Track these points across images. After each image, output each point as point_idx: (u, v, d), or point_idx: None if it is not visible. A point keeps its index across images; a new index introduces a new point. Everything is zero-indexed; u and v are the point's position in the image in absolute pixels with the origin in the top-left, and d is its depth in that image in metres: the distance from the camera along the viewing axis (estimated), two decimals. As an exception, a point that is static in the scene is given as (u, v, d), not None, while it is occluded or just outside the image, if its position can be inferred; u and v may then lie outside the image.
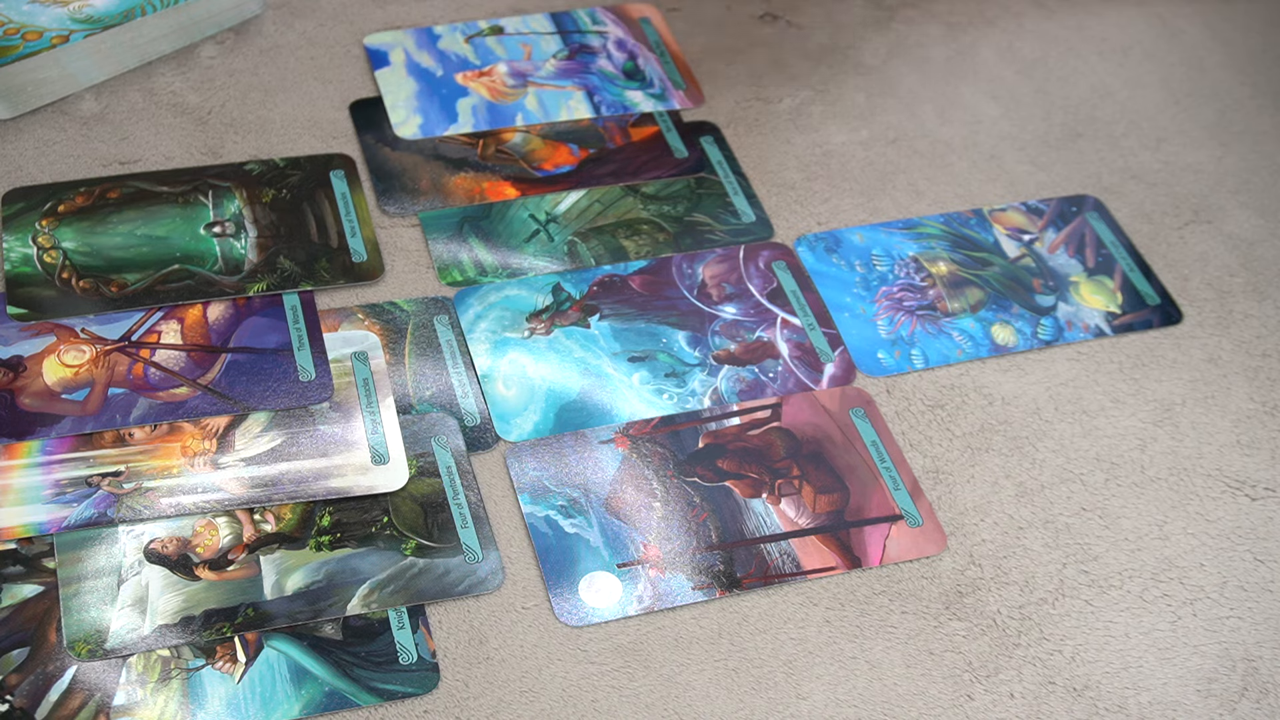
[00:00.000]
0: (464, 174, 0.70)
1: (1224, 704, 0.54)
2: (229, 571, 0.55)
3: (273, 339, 0.62)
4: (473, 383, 0.62)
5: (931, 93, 0.77)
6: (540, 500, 0.58)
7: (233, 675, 0.52)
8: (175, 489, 0.57)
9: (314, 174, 0.69)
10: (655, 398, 0.62)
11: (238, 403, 0.60)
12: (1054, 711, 0.54)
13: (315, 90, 0.74)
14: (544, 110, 0.73)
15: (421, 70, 0.75)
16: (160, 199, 0.67)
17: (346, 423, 0.60)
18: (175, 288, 0.63)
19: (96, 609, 0.53)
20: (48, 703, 0.51)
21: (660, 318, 0.65)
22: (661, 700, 0.53)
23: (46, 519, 0.55)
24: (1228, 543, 0.60)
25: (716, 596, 0.56)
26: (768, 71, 0.78)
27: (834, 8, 0.82)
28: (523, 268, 0.67)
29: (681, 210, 0.70)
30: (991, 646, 0.55)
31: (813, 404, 0.62)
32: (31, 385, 0.59)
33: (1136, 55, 0.81)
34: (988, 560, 0.58)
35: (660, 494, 0.59)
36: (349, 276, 0.65)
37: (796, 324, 0.65)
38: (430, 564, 0.56)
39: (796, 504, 0.59)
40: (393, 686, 0.52)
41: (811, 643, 0.55)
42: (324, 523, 0.57)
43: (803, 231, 0.70)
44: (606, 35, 0.78)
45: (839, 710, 0.53)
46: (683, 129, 0.74)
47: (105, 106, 0.72)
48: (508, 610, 0.55)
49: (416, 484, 0.58)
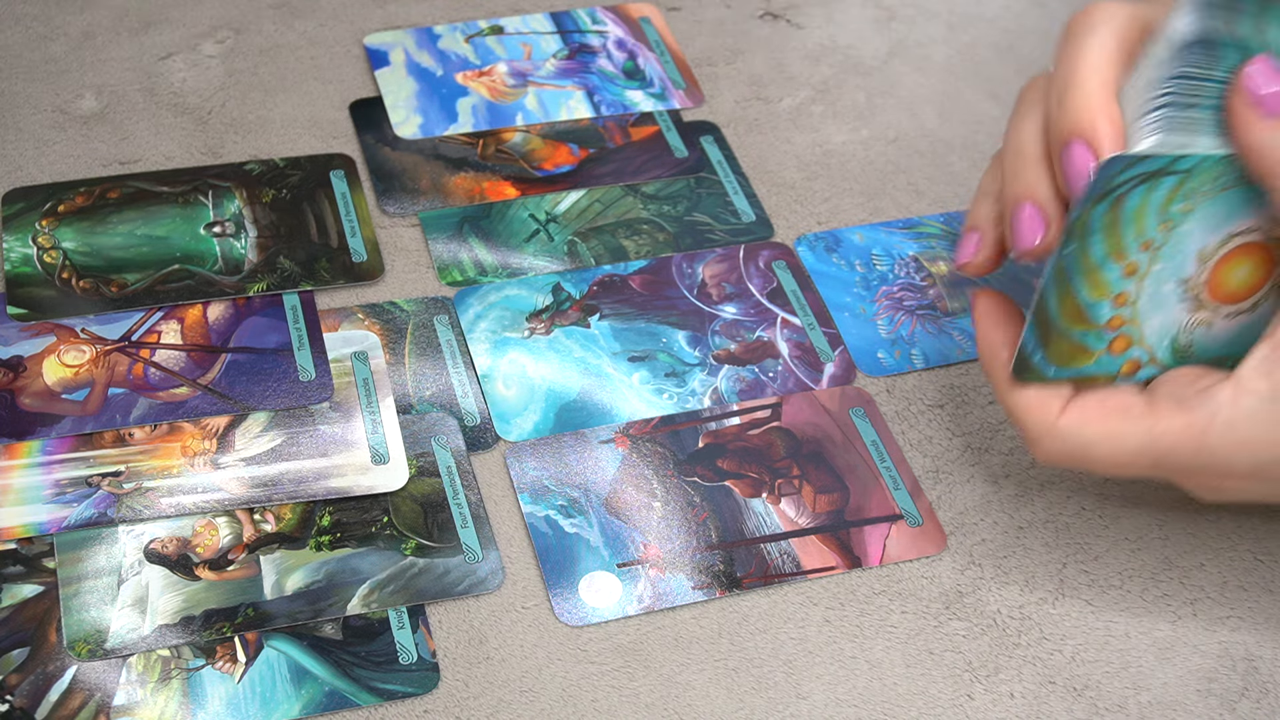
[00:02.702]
0: (464, 174, 0.70)
1: (1224, 704, 0.54)
2: (229, 571, 0.55)
3: (273, 339, 0.62)
4: (473, 383, 0.62)
5: (931, 93, 0.77)
6: (540, 500, 0.58)
7: (233, 675, 0.52)
8: (175, 489, 0.57)
9: (314, 174, 0.69)
10: (655, 397, 0.62)
11: (238, 403, 0.60)
12: (1054, 711, 0.54)
13: (315, 90, 0.74)
14: (544, 110, 0.73)
15: (421, 70, 0.75)
16: (160, 199, 0.67)
17: (346, 423, 0.60)
18: (175, 288, 0.64)
19: (96, 609, 0.53)
20: (48, 703, 0.51)
21: (660, 317, 0.65)
22: (661, 700, 0.53)
23: (46, 519, 0.55)
24: (1228, 543, 0.60)
25: (716, 596, 0.56)
26: (768, 71, 0.78)
27: (834, 8, 0.82)
28: (523, 268, 0.67)
29: (681, 210, 0.70)
30: (991, 646, 0.55)
31: (813, 404, 0.62)
32: (31, 385, 0.60)
33: (1136, 55, 0.81)
34: (988, 560, 0.58)
35: (660, 494, 0.59)
36: (349, 276, 0.65)
37: (796, 324, 0.66)
38: (430, 564, 0.56)
39: (796, 504, 0.59)
40: (393, 686, 0.52)
41: (811, 643, 0.55)
42: (324, 523, 0.57)
43: (803, 231, 0.70)
44: (606, 35, 0.78)
45: (839, 710, 0.53)
46: (683, 129, 0.74)
47: (105, 106, 0.72)
48: (508, 610, 0.55)
49: (416, 484, 0.58)
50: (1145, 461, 0.50)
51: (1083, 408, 0.50)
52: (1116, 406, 0.50)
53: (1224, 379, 0.49)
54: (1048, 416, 0.51)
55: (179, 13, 0.77)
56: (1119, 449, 0.50)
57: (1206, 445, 0.48)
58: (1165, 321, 0.51)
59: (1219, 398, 0.48)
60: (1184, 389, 0.49)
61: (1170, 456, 0.49)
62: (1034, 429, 0.51)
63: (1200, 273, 0.51)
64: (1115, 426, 0.50)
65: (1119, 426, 0.50)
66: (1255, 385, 0.48)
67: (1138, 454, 0.49)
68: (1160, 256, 0.50)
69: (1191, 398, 0.49)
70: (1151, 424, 0.49)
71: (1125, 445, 0.49)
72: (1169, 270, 0.50)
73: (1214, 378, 0.49)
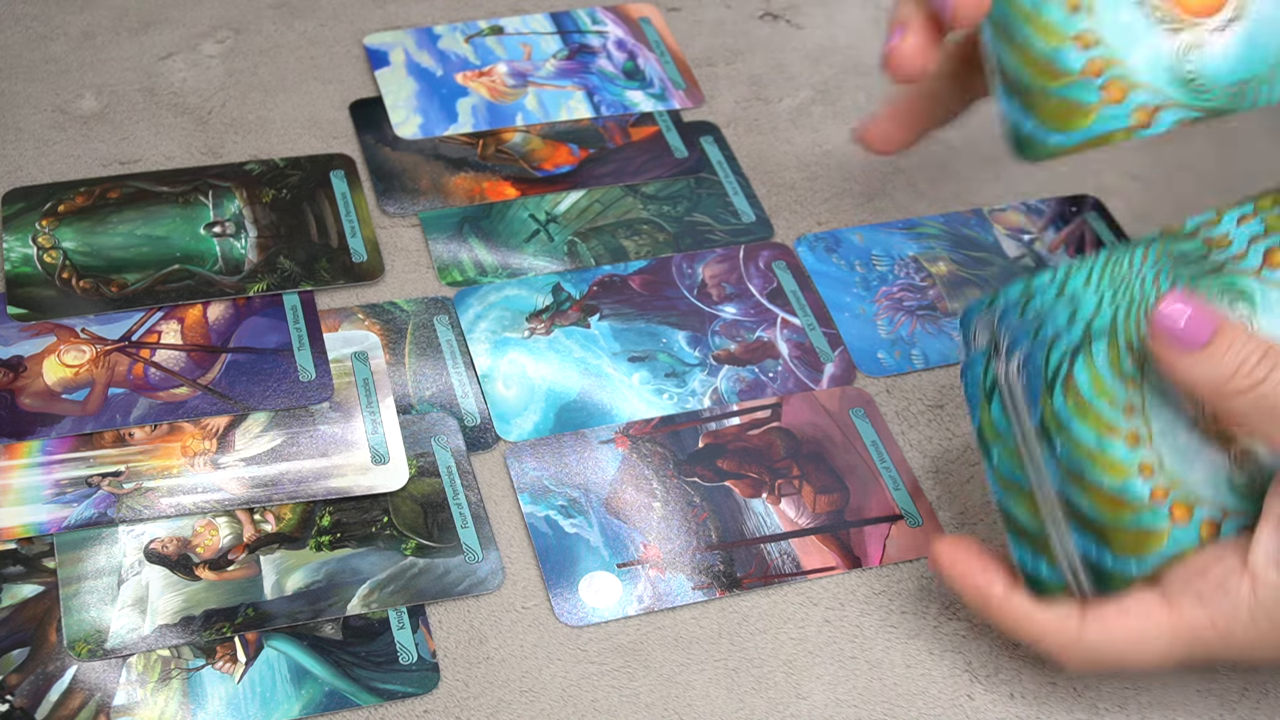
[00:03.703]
0: (464, 174, 0.70)
1: (1224, 704, 0.54)
2: (229, 571, 0.55)
3: (273, 339, 0.62)
4: (473, 383, 0.62)
5: (931, 93, 0.77)
6: (540, 500, 0.58)
7: (233, 675, 0.52)
8: (175, 489, 0.57)
9: (314, 174, 0.69)
10: (655, 398, 0.62)
11: (238, 403, 0.60)
12: (1054, 712, 0.54)
13: (315, 90, 0.74)
14: (544, 110, 0.73)
15: (421, 70, 0.75)
16: (160, 199, 0.67)
17: (346, 423, 0.60)
18: (175, 288, 0.64)
19: (96, 609, 0.53)
20: (48, 703, 0.51)
21: (660, 318, 0.65)
22: (661, 700, 0.53)
23: (46, 519, 0.55)
24: (1228, 543, 0.60)
25: (716, 596, 0.56)
26: (768, 72, 0.78)
27: (834, 8, 0.82)
28: (523, 268, 0.67)
29: (681, 210, 0.70)
30: (991, 646, 0.55)
31: (813, 404, 0.62)
32: (31, 385, 0.60)
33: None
34: (988, 560, 0.58)
35: (660, 494, 0.59)
36: (349, 276, 0.65)
37: (796, 324, 0.66)
38: (430, 564, 0.56)
39: (796, 504, 0.59)
40: (393, 686, 0.52)
41: (811, 643, 0.55)
42: (324, 523, 0.57)
43: (803, 231, 0.70)
44: (606, 35, 0.78)
45: (839, 710, 0.53)
46: (683, 129, 0.74)
47: (105, 106, 0.72)
48: (508, 610, 0.55)
49: (416, 484, 0.58)
50: (1177, 656, 0.49)
51: (1103, 617, 0.49)
52: (1136, 611, 0.49)
53: (1236, 571, 0.48)
54: (1068, 633, 0.50)
55: (179, 13, 0.77)
56: (1148, 651, 0.49)
57: (1234, 639, 0.48)
58: (1150, 53, 0.49)
59: (1238, 594, 0.48)
60: (1199, 583, 0.48)
61: (1199, 648, 0.49)
62: (1059, 647, 0.50)
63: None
64: (1139, 630, 0.49)
65: (1142, 629, 0.49)
66: (1271, 577, 0.47)
67: (1167, 653, 0.49)
68: None
69: (1209, 593, 0.48)
70: (1175, 622, 0.49)
71: (1154, 647, 0.49)
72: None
73: (1224, 568, 0.48)
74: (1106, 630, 0.49)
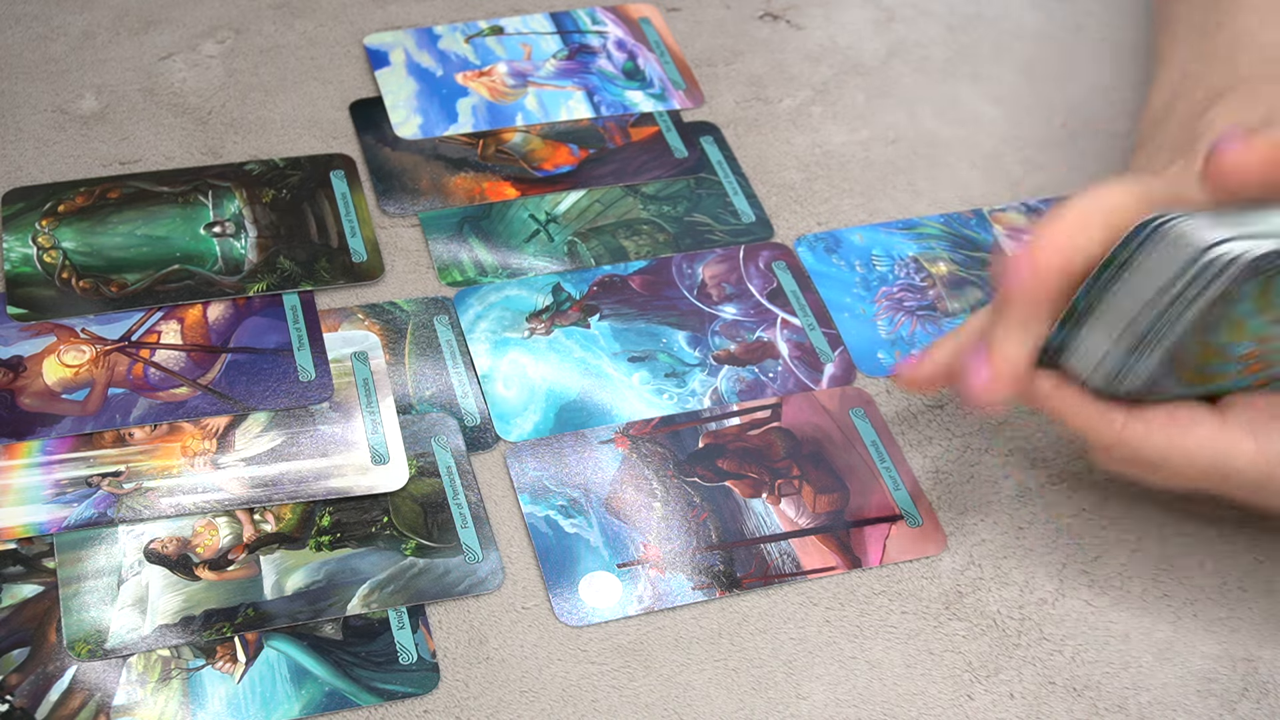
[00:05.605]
0: (464, 174, 0.70)
1: (1224, 704, 0.54)
2: (229, 571, 0.55)
3: (273, 339, 0.62)
4: (473, 383, 0.62)
5: (931, 93, 0.77)
6: (540, 500, 0.58)
7: (233, 675, 0.52)
8: (175, 489, 0.57)
9: (314, 174, 0.69)
10: (655, 398, 0.62)
11: (238, 403, 0.60)
12: (1054, 711, 0.54)
13: (315, 90, 0.74)
14: (544, 110, 0.73)
15: (421, 70, 0.75)
16: (160, 199, 0.67)
17: (346, 423, 0.60)
18: (175, 288, 0.64)
19: (96, 609, 0.53)
20: (48, 703, 0.51)
21: (660, 318, 0.65)
22: (661, 700, 0.53)
23: (46, 519, 0.55)
24: (1228, 543, 0.60)
25: (716, 596, 0.56)
26: (768, 71, 0.78)
27: (834, 8, 0.82)
28: (523, 268, 0.67)
29: (681, 210, 0.70)
30: (991, 646, 0.55)
31: (813, 404, 0.62)
32: (31, 385, 0.60)
33: (1138, 54, 0.81)
34: (988, 560, 0.58)
35: (660, 494, 0.59)
36: (349, 276, 0.65)
37: (796, 324, 0.66)
38: (430, 564, 0.56)
39: (796, 504, 0.59)
40: (393, 686, 0.52)
41: (811, 643, 0.55)
42: (324, 523, 0.57)
43: (803, 231, 0.70)
44: (606, 35, 0.78)
45: (839, 710, 0.53)
46: (683, 129, 0.74)
47: (105, 106, 0.72)
48: (508, 610, 0.55)
49: (416, 484, 0.58)
50: (1214, 479, 0.50)
51: (1147, 419, 0.50)
52: (1184, 419, 0.50)
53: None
54: (1113, 426, 0.50)
55: (179, 13, 0.77)
56: (1189, 464, 0.50)
57: (1275, 475, 0.49)
58: None
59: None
60: (1258, 417, 0.49)
61: (1238, 477, 0.49)
62: (1101, 443, 0.50)
63: None
64: (1180, 439, 0.49)
65: (1184, 439, 0.49)
66: None
67: (1207, 471, 0.49)
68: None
69: (1265, 425, 0.49)
70: (1227, 445, 0.49)
71: (1196, 461, 0.49)
72: None
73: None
74: (1149, 431, 0.49)
